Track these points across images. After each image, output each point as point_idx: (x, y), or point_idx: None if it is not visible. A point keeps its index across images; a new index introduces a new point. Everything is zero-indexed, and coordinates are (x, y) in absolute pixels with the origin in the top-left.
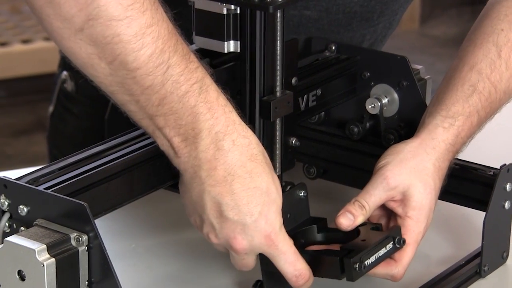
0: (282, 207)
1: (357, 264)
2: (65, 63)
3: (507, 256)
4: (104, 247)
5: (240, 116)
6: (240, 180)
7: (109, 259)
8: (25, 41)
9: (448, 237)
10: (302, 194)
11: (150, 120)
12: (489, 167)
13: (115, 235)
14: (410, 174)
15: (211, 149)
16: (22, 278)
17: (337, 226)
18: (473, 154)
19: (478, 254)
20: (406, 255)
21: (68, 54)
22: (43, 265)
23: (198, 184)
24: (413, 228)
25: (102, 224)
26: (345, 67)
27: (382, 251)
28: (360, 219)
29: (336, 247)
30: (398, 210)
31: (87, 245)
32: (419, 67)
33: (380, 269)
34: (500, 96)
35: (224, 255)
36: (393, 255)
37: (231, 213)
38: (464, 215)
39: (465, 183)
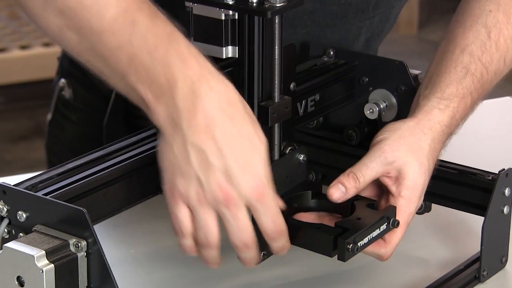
0: (281, 170)
1: (351, 245)
2: (63, 70)
3: (506, 261)
4: (103, 253)
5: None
6: (221, 126)
7: (108, 265)
8: (23, 47)
9: (447, 242)
10: (301, 158)
11: (123, 80)
12: (487, 172)
13: (113, 241)
14: (407, 151)
15: (189, 97)
16: (21, 284)
17: (328, 196)
18: (471, 159)
19: (477, 259)
20: (395, 236)
21: (44, 31)
22: (42, 271)
23: (180, 136)
24: (405, 208)
25: (100, 230)
26: (343, 72)
27: (376, 232)
28: (351, 192)
29: (329, 217)
30: (392, 188)
31: (86, 251)
32: (417, 72)
33: (369, 248)
34: (491, 77)
35: (225, 258)
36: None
37: (215, 160)
38: (463, 220)
39: (464, 188)
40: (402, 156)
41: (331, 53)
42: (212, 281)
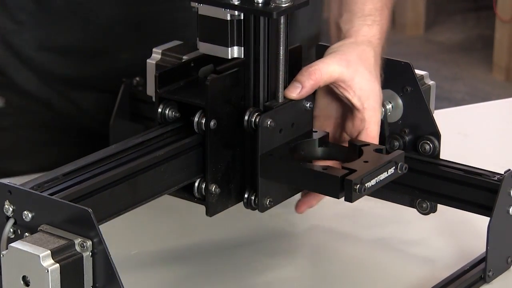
0: (287, 116)
1: (358, 186)
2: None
3: None
4: (109, 252)
5: None
6: None
7: (114, 264)
8: None
9: (452, 242)
10: (308, 105)
11: None
12: (493, 172)
13: (119, 240)
14: (357, 59)
15: None
16: (27, 283)
17: (286, 97)
18: (477, 159)
19: (482, 260)
20: (370, 138)
21: None
22: (48, 271)
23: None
24: (373, 118)
25: (106, 229)
26: None
27: (384, 175)
28: (308, 85)
29: (335, 164)
30: (354, 100)
31: (91, 251)
32: (423, 72)
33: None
34: None
35: (228, 260)
36: None
37: None
38: (468, 221)
39: (469, 189)
40: (355, 61)
41: None
42: (216, 280)
